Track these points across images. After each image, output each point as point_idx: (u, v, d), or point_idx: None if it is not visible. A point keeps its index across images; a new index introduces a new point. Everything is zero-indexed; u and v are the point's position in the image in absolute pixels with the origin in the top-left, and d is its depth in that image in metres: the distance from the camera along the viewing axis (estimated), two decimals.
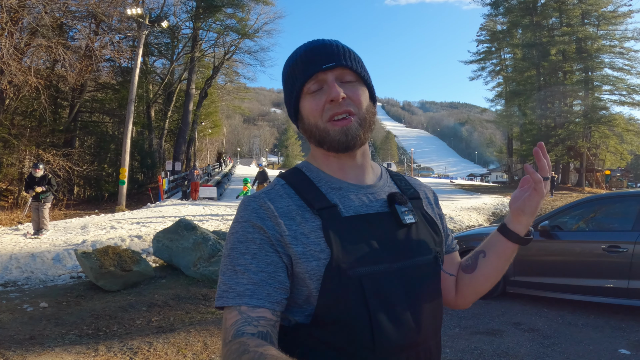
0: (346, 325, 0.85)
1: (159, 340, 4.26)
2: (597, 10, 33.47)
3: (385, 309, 0.86)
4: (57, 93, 22.27)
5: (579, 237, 5.48)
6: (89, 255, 6.08)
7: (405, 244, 0.93)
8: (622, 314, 5.09)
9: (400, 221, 0.93)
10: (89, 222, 12.11)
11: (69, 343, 4.23)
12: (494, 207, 17.73)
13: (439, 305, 0.97)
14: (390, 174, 1.09)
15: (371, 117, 0.95)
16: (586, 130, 33.51)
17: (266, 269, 0.85)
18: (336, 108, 0.90)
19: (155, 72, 33.57)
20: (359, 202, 0.94)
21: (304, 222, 0.89)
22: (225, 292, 0.85)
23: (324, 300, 0.86)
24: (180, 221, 7.31)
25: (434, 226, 1.02)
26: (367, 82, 0.97)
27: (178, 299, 5.69)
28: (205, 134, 48.28)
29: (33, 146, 19.82)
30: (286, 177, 0.98)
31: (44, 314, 5.08)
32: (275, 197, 0.92)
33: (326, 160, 0.98)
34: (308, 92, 0.93)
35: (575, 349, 4.13)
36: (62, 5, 18.54)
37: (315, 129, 0.93)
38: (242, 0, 31.82)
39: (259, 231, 0.88)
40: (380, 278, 0.87)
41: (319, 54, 0.92)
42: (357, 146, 0.93)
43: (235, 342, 0.77)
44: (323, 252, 0.86)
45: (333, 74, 0.91)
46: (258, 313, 0.82)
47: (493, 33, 41.15)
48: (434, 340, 0.96)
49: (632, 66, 33.43)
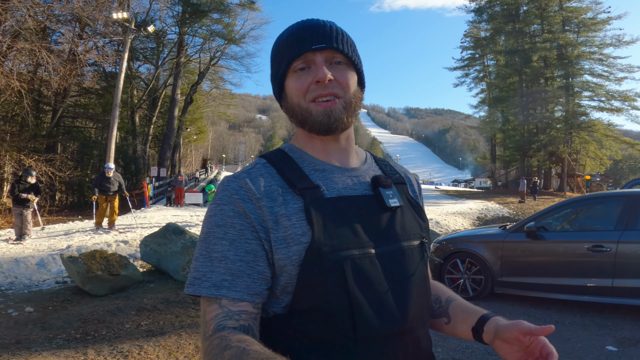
0: (326, 313, 0.80)
1: (150, 344, 4.21)
2: (577, 17, 34.24)
3: (368, 295, 0.81)
4: (40, 97, 21.95)
5: (564, 238, 5.59)
6: (75, 259, 5.99)
7: (389, 228, 0.89)
8: (607, 312, 5.19)
9: (384, 204, 0.90)
10: (73, 228, 11.93)
11: (56, 347, 4.16)
12: (478, 212, 17.94)
13: (426, 293, 0.93)
14: (375, 159, 1.06)
15: (357, 102, 0.92)
16: (567, 135, 34.14)
17: (245, 258, 0.81)
18: (321, 89, 0.87)
19: (140, 78, 33.32)
20: (343, 185, 0.91)
21: (285, 203, 0.84)
22: (198, 280, 0.81)
23: (303, 286, 0.81)
24: (168, 225, 7.25)
25: (420, 211, 1.00)
26: (357, 67, 0.94)
27: (167, 303, 5.63)
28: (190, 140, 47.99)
29: (14, 151, 19.44)
30: (268, 156, 0.94)
31: (30, 319, 4.99)
32: (257, 176, 0.87)
33: (310, 142, 0.95)
34: (294, 70, 0.90)
35: (564, 347, 4.20)
36: (46, 8, 18.32)
37: (297, 108, 0.90)
38: (229, 6, 31.86)
39: (240, 215, 0.83)
40: (363, 262, 0.83)
41: (311, 33, 0.89)
42: (339, 130, 0.90)
43: (216, 337, 0.75)
44: (304, 236, 0.81)
45: (322, 55, 0.88)
46: (239, 307, 0.79)
47: (477, 40, 41.79)
48: (422, 329, 0.91)
49: (610, 72, 34.22)
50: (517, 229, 5.87)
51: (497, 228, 6.46)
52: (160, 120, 34.19)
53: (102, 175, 11.38)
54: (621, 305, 5.10)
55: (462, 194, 30.49)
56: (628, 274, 4.87)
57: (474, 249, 6.07)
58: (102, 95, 25.82)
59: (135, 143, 30.11)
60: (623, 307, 5.15)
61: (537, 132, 35.65)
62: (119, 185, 11.55)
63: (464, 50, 43.50)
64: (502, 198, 25.18)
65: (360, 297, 0.80)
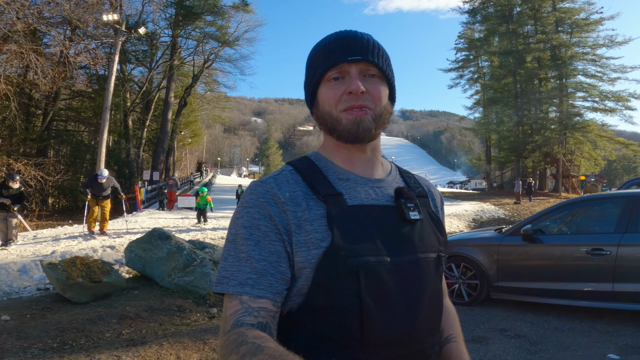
0: (335, 314, 0.83)
1: (128, 354, 4.00)
2: (570, 17, 34.33)
3: (379, 302, 0.83)
4: (29, 101, 21.67)
5: (562, 241, 5.41)
6: (54, 266, 5.77)
7: (407, 239, 0.91)
8: (607, 318, 5.01)
9: (404, 216, 0.92)
10: (61, 233, 11.68)
11: (31, 357, 3.95)
12: (474, 214, 17.79)
13: (438, 305, 0.95)
14: (400, 171, 1.08)
15: (386, 115, 0.94)
16: (561, 136, 34.17)
17: (269, 258, 0.84)
18: (353, 101, 0.89)
19: (133, 80, 33.05)
20: (365, 195, 0.93)
21: (308, 209, 0.87)
22: (226, 279, 0.84)
23: (317, 287, 0.83)
24: (154, 230, 7.03)
25: (439, 226, 1.01)
26: (390, 81, 0.96)
27: (151, 311, 5.41)
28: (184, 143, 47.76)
29: (4, 156, 19.15)
30: (294, 163, 0.97)
31: (5, 327, 4.76)
32: (283, 182, 0.91)
33: (336, 151, 0.97)
34: (328, 79, 0.92)
35: (564, 355, 4.01)
36: (36, 10, 18.07)
37: (328, 116, 0.92)
38: (222, 8, 31.71)
39: (265, 217, 0.86)
40: (378, 270, 0.85)
41: (348, 44, 0.91)
42: (367, 139, 0.92)
43: (233, 332, 0.76)
44: (324, 240, 0.84)
45: (357, 67, 0.90)
46: (259, 304, 0.81)
47: (471, 41, 41.82)
48: (430, 340, 0.92)
49: (604, 73, 34.31)
50: (514, 232, 5.68)
51: (493, 231, 6.29)
52: (154, 123, 33.92)
53: (94, 178, 11.14)
54: (622, 311, 4.91)
55: (457, 195, 30.37)
56: (629, 278, 4.68)
57: (469, 252, 5.88)
58: (93, 98, 25.59)
59: (129, 146, 29.79)
60: (624, 313, 4.97)
61: (531, 133, 35.65)
62: (114, 189, 11.32)
63: (458, 51, 43.55)
64: (498, 199, 25.05)
65: (370, 302, 0.82)
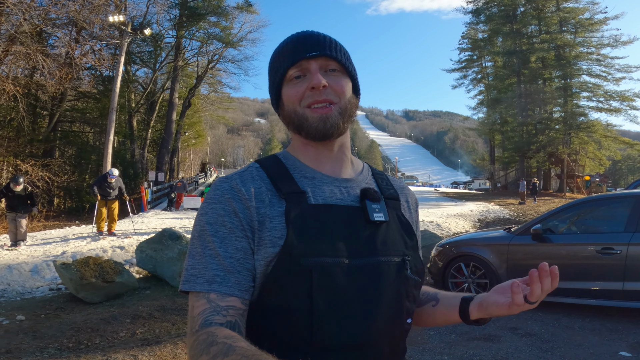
0: (286, 314, 0.81)
1: (144, 353, 4.05)
2: (574, 17, 34.19)
3: (332, 303, 0.82)
4: (36, 102, 21.78)
5: (572, 240, 5.44)
6: (68, 266, 5.83)
7: (369, 241, 0.89)
8: (617, 316, 5.04)
9: (368, 217, 0.90)
10: (69, 234, 11.76)
11: (48, 357, 4.01)
12: (479, 214, 17.79)
13: (398, 309, 0.91)
14: (373, 172, 1.06)
15: (352, 109, 0.94)
16: (566, 136, 34.05)
17: (235, 255, 0.83)
18: (317, 96, 0.89)
19: (138, 81, 33.16)
20: (330, 194, 0.91)
21: (271, 205, 0.87)
22: (194, 277, 0.82)
23: (269, 286, 0.82)
24: (164, 231, 7.09)
25: (408, 230, 0.98)
26: (352, 74, 0.96)
27: (163, 310, 5.47)
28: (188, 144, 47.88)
29: (11, 157, 19.25)
30: (261, 161, 0.97)
31: (21, 327, 4.82)
32: (248, 178, 0.90)
33: (304, 149, 0.96)
34: (290, 78, 0.92)
35: (575, 353, 4.05)
36: (42, 12, 18.18)
37: (294, 114, 0.92)
38: (226, 9, 31.78)
39: (230, 214, 0.85)
40: (334, 272, 0.83)
41: (305, 42, 0.92)
42: (335, 135, 0.91)
43: (203, 332, 0.75)
44: (281, 239, 0.83)
45: (317, 62, 0.90)
46: (228, 302, 0.80)
47: (474, 41, 41.72)
48: (388, 344, 0.90)
49: (608, 73, 34.15)
50: (523, 232, 5.71)
51: (502, 230, 6.31)
52: (158, 124, 34.04)
53: (104, 178, 11.21)
54: (632, 309, 4.94)
55: (462, 196, 30.35)
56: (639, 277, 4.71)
57: (478, 252, 5.91)
58: (99, 99, 25.67)
59: (133, 147, 29.90)
60: (634, 311, 4.99)
61: (536, 133, 35.54)
62: (120, 190, 11.41)
63: (462, 51, 43.42)
64: (502, 199, 25.03)
65: (322, 305, 0.81)
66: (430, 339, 4.54)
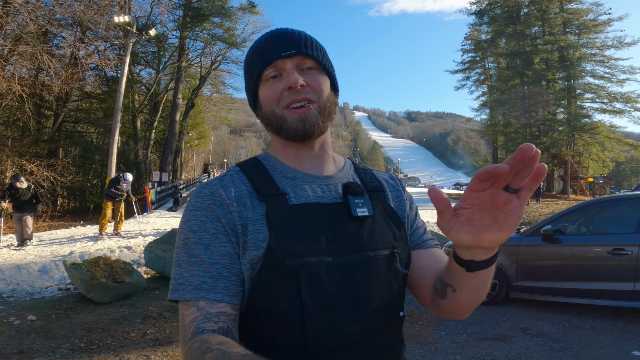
0: (278, 318, 0.80)
1: (157, 354, 4.06)
2: (578, 19, 34.20)
3: (322, 303, 0.80)
4: (41, 102, 21.85)
5: (582, 241, 5.43)
6: (78, 266, 5.85)
7: (355, 237, 0.86)
8: (627, 317, 5.03)
9: (351, 213, 0.87)
10: (75, 234, 11.79)
11: (60, 357, 4.02)
12: None
13: (390, 304, 0.88)
14: (355, 167, 1.03)
15: (331, 106, 0.92)
16: (569, 138, 34.03)
17: (221, 261, 0.82)
18: (294, 95, 0.87)
19: (141, 82, 33.20)
20: (312, 192, 0.90)
21: (252, 208, 0.85)
22: (182, 285, 0.81)
23: (258, 290, 0.81)
24: (173, 231, 7.12)
25: (396, 220, 0.95)
26: (329, 72, 0.94)
27: (174, 311, 5.47)
28: (192, 144, 47.88)
29: (16, 157, 19.31)
30: (241, 164, 0.95)
31: (33, 327, 4.83)
32: (228, 182, 0.88)
33: (284, 150, 0.94)
34: (266, 79, 0.90)
35: (588, 353, 4.04)
36: (48, 12, 18.23)
37: (272, 115, 0.90)
38: (230, 10, 31.82)
39: (212, 219, 0.83)
40: (321, 271, 0.81)
41: (279, 41, 0.89)
42: (316, 135, 0.90)
43: (196, 340, 0.73)
44: (265, 241, 0.82)
45: (293, 61, 0.88)
46: (217, 308, 0.78)
47: (477, 42, 41.76)
48: (383, 340, 0.87)
49: (612, 74, 34.16)
50: (533, 233, 5.71)
51: None
52: (162, 124, 34.06)
53: (117, 181, 11.26)
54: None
55: None
56: None
57: None
58: (103, 99, 25.71)
59: (137, 148, 29.93)
60: None
61: (539, 135, 35.53)
62: (127, 192, 11.47)
63: (465, 53, 43.51)
64: None
65: (312, 305, 0.80)
66: (441, 339, 4.54)
